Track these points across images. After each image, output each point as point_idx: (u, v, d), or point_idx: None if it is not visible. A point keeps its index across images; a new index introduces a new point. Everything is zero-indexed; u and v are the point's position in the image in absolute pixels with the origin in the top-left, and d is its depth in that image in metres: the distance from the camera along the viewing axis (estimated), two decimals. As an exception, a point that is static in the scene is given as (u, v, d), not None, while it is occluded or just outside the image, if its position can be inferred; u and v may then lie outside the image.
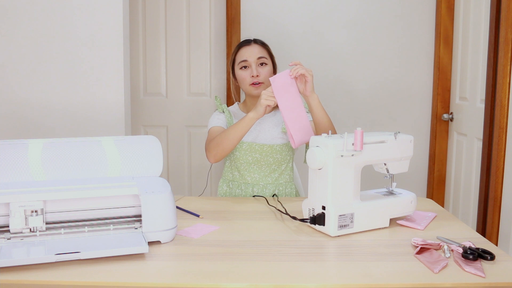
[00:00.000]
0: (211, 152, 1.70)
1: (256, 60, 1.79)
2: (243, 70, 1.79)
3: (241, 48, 1.82)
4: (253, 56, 1.78)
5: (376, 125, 2.84)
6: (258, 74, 1.77)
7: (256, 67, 1.78)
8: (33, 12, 2.14)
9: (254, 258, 1.14)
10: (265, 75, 1.79)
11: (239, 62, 1.80)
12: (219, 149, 1.67)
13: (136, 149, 1.39)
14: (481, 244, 1.22)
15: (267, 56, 1.83)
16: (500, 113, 2.03)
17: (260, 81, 1.78)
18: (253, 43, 1.82)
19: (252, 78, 1.77)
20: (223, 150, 1.67)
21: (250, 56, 1.78)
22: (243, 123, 1.64)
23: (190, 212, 1.50)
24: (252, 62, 1.78)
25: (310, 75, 1.60)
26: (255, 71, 1.77)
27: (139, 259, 1.12)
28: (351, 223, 1.29)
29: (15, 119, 2.19)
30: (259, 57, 1.79)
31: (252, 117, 1.62)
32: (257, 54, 1.79)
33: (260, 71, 1.78)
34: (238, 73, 1.82)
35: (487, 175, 2.17)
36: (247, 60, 1.78)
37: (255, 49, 1.80)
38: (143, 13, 2.91)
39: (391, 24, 2.79)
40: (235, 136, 1.65)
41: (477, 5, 2.42)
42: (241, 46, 1.83)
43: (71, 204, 1.19)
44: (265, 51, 1.83)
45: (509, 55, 2.00)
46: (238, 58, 1.81)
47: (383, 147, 1.36)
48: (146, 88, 2.96)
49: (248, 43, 1.82)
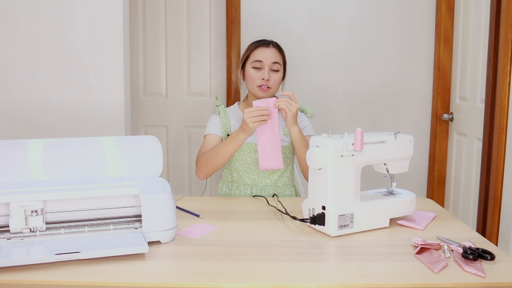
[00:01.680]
0: (201, 171, 1.76)
1: (270, 64, 1.78)
2: (256, 70, 1.79)
3: (259, 47, 1.81)
4: (269, 59, 1.78)
5: (376, 125, 2.84)
6: (269, 78, 1.78)
7: (269, 71, 1.78)
8: (33, 12, 2.14)
9: (254, 258, 1.14)
10: (275, 81, 1.79)
11: (253, 60, 1.79)
12: (209, 168, 1.74)
13: (136, 149, 1.39)
14: (481, 244, 1.22)
15: (281, 62, 1.83)
16: (500, 113, 2.03)
17: (269, 85, 1.78)
18: (271, 46, 1.81)
19: (262, 81, 1.77)
20: (213, 168, 1.74)
21: (266, 58, 1.78)
22: (233, 143, 1.68)
23: (190, 212, 1.50)
24: (266, 65, 1.78)
25: (290, 110, 1.65)
26: (267, 75, 1.77)
27: (139, 259, 1.12)
28: (351, 223, 1.29)
29: (15, 119, 2.19)
30: (274, 62, 1.79)
31: (242, 138, 1.67)
32: (273, 58, 1.79)
33: (271, 76, 1.78)
34: (249, 71, 1.80)
35: (487, 175, 2.17)
36: (262, 61, 1.78)
37: (272, 53, 1.80)
38: (143, 13, 2.91)
39: (391, 24, 2.79)
40: (224, 156, 1.71)
41: (477, 5, 2.42)
42: (260, 45, 1.81)
43: (71, 204, 1.19)
44: (280, 57, 1.83)
45: (509, 55, 1.99)
46: (254, 56, 1.80)
47: (383, 147, 1.36)
48: (146, 88, 2.96)
49: (266, 45, 1.81)
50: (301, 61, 2.80)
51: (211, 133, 1.83)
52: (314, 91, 2.82)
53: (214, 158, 1.72)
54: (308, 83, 2.82)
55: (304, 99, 2.79)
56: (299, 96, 2.77)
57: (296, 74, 2.78)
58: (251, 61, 1.80)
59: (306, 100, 2.79)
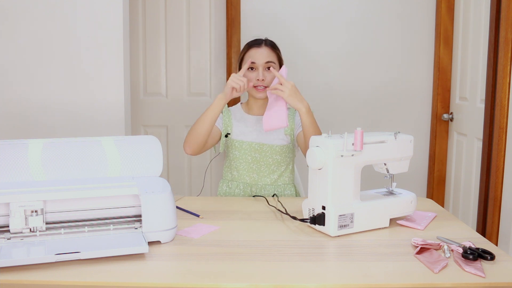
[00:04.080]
0: (186, 142, 1.75)
1: (264, 64, 1.78)
2: (250, 71, 1.79)
3: (251, 48, 1.81)
4: (262, 59, 1.78)
5: (376, 125, 2.84)
6: (264, 78, 1.78)
7: (263, 71, 1.78)
8: (33, 13, 2.14)
9: (254, 258, 1.14)
10: (270, 80, 1.79)
11: (247, 62, 1.79)
12: (193, 136, 1.73)
13: (136, 149, 1.39)
14: (481, 244, 1.22)
15: (276, 60, 1.82)
16: (500, 113, 2.03)
17: (264, 85, 1.78)
18: (264, 45, 1.81)
19: (257, 81, 1.77)
20: (197, 135, 1.72)
21: (258, 59, 1.78)
22: (213, 104, 1.70)
23: (190, 212, 1.50)
24: (260, 66, 1.78)
25: (283, 92, 1.65)
26: (261, 75, 1.77)
27: (139, 259, 1.12)
28: (351, 223, 1.29)
29: (15, 119, 2.19)
30: (267, 61, 1.79)
31: (220, 97, 1.69)
32: (265, 58, 1.78)
33: (266, 75, 1.78)
34: (244, 73, 1.81)
35: (487, 175, 2.17)
36: (255, 62, 1.78)
37: (264, 52, 1.79)
38: (143, 13, 2.91)
39: (391, 24, 2.79)
40: (206, 118, 1.70)
41: (477, 5, 2.42)
42: (252, 46, 1.81)
43: (71, 204, 1.19)
44: (274, 54, 1.82)
45: (509, 55, 1.99)
46: (247, 57, 1.80)
47: (383, 147, 1.36)
48: (146, 88, 2.96)
49: (258, 45, 1.81)
50: (301, 61, 2.80)
51: None
52: (314, 91, 2.82)
53: (196, 126, 1.73)
54: (308, 83, 2.82)
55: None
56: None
57: (296, 74, 2.78)
58: (245, 62, 1.80)
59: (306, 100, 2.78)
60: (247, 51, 1.82)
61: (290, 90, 1.64)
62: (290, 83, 1.65)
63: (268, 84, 1.78)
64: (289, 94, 1.65)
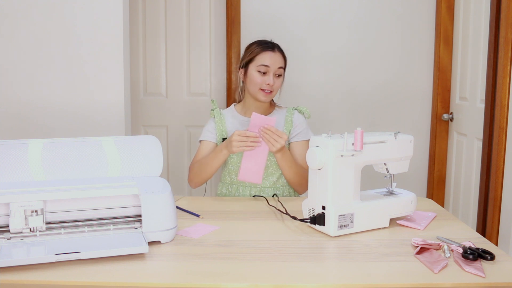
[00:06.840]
0: (192, 180, 1.81)
1: (276, 69, 1.78)
2: (261, 74, 1.78)
3: (266, 51, 1.79)
4: (275, 64, 1.78)
5: (376, 125, 2.84)
6: (273, 83, 1.78)
7: (273, 76, 1.78)
8: (33, 13, 2.14)
9: (254, 258, 1.14)
10: (277, 86, 1.80)
11: (259, 64, 1.77)
12: (199, 178, 1.79)
13: (136, 149, 1.39)
14: (481, 244, 1.22)
15: (284, 66, 1.83)
16: (500, 113, 2.03)
17: (272, 89, 1.79)
18: (277, 51, 1.81)
19: (267, 86, 1.77)
20: (202, 179, 1.79)
21: (273, 63, 1.77)
22: (217, 158, 1.72)
23: (190, 212, 1.50)
24: (272, 70, 1.77)
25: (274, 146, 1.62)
26: (272, 80, 1.77)
27: (139, 259, 1.12)
28: (351, 223, 1.29)
29: (15, 119, 2.19)
30: (280, 67, 1.79)
31: (225, 153, 1.71)
32: (279, 63, 1.79)
33: (275, 81, 1.79)
34: (253, 74, 1.78)
35: (487, 175, 2.17)
36: (269, 66, 1.77)
37: (278, 58, 1.79)
38: (143, 13, 2.91)
39: (391, 24, 2.79)
40: (211, 168, 1.75)
41: (477, 5, 2.42)
42: (266, 49, 1.79)
43: (71, 204, 1.19)
44: (284, 61, 1.83)
45: (509, 55, 1.99)
46: (260, 60, 1.78)
47: (383, 147, 1.36)
48: (146, 88, 2.96)
49: (272, 49, 1.80)
50: (301, 61, 2.80)
51: (205, 140, 1.85)
52: (314, 91, 2.82)
53: (202, 170, 1.76)
54: (308, 83, 2.82)
55: (304, 99, 2.79)
56: (299, 96, 2.79)
57: (296, 74, 2.78)
58: (256, 64, 1.78)
59: (306, 100, 2.79)
60: (260, 53, 1.79)
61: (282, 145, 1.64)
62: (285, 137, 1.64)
63: (274, 90, 1.79)
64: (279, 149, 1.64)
